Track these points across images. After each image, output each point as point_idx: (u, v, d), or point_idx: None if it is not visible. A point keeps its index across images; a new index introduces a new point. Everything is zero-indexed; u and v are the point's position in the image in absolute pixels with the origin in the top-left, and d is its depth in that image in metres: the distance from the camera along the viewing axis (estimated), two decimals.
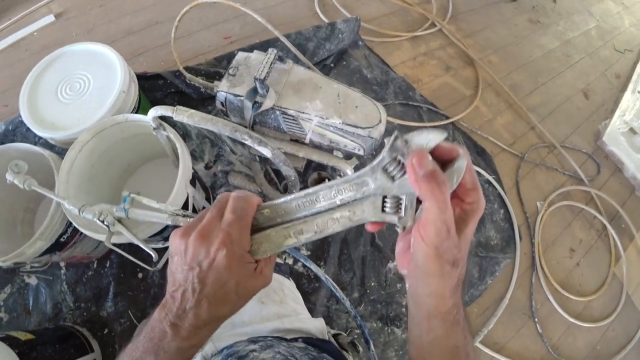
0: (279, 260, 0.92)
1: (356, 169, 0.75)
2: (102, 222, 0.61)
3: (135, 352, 0.29)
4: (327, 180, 0.93)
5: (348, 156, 0.81)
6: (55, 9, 1.35)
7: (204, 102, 1.07)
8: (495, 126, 1.27)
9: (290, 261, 0.94)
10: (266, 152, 0.66)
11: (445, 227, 0.26)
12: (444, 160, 0.28)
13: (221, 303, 0.29)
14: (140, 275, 0.93)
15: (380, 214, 0.30)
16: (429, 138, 0.27)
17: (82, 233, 0.80)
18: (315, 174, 0.96)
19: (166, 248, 0.80)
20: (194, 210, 0.77)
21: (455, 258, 0.27)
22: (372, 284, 0.98)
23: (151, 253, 0.64)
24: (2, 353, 0.63)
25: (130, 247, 0.65)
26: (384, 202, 0.30)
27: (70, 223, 0.74)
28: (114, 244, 0.64)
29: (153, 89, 1.03)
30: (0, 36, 1.31)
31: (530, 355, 1.00)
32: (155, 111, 0.63)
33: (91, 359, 0.84)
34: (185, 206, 0.72)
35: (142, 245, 0.63)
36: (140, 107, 0.88)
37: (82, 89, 0.82)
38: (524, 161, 1.23)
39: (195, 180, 0.77)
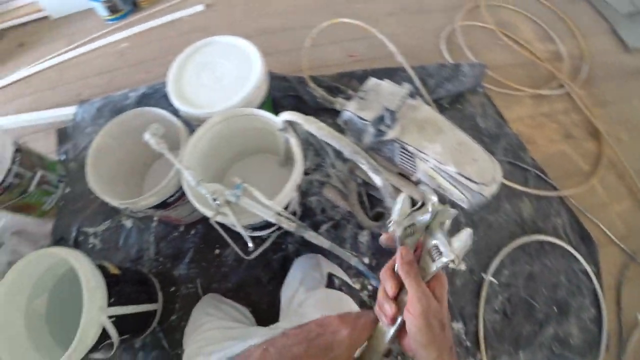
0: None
1: None
2: (214, 200, 0.67)
3: None
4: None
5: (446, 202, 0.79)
6: (207, 1, 1.53)
7: (317, 111, 1.13)
8: (609, 213, 1.13)
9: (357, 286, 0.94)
10: (378, 180, 0.67)
11: (424, 296, 0.35)
12: None
13: None
14: (217, 251, 1.00)
15: None
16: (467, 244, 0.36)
17: (186, 200, 0.89)
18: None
19: (256, 238, 0.85)
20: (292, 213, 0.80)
21: (441, 321, 0.35)
22: None
23: (249, 242, 0.68)
24: (98, 279, 0.71)
25: (227, 230, 0.71)
26: None
27: (180, 189, 0.82)
28: (217, 222, 0.70)
29: (274, 88, 1.11)
30: (157, 15, 1.53)
31: None
32: (289, 116, 0.68)
33: (154, 308, 0.92)
34: (285, 207, 0.76)
35: (242, 232, 0.67)
36: (265, 104, 0.95)
37: (221, 76, 0.91)
38: (635, 263, 1.07)
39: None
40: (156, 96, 1.22)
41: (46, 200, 1.10)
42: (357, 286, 0.93)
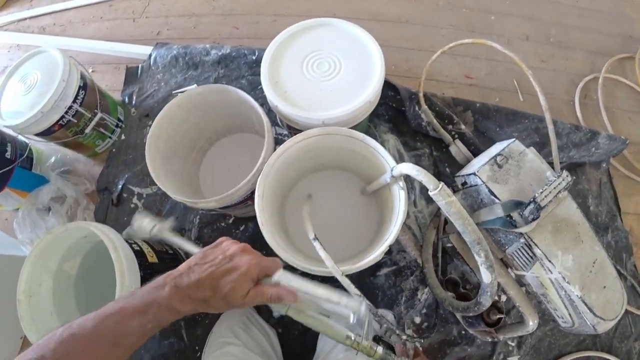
0: None
1: None
2: None
3: (133, 297, 0.38)
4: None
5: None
6: None
7: (416, 134, 0.97)
8: None
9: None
10: (486, 277, 0.54)
11: None
12: None
13: (213, 293, 0.38)
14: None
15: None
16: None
17: (247, 204, 0.79)
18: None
19: None
20: None
21: None
22: None
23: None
24: (134, 276, 0.64)
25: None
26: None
27: (245, 198, 0.74)
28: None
29: None
30: None
31: None
32: (413, 171, 0.54)
33: None
34: None
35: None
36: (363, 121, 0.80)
37: (329, 73, 0.74)
38: None
39: None
40: (239, 62, 1.08)
41: (100, 143, 1.03)
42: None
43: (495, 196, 0.60)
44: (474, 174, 0.62)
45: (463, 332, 0.84)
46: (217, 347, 0.67)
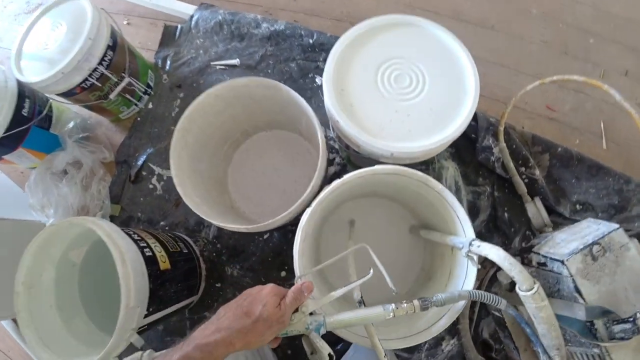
0: None
1: None
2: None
3: None
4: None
5: None
6: None
7: (480, 167, 0.84)
8: None
9: None
10: None
11: None
12: None
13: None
14: (283, 274, 0.83)
15: None
16: None
17: None
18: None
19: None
20: None
21: None
22: None
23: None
24: (142, 295, 0.57)
25: None
26: None
27: None
28: None
29: None
30: None
31: None
32: (498, 260, 0.43)
33: (191, 301, 0.80)
34: None
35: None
36: None
37: (409, 91, 0.60)
38: None
39: None
40: (292, 42, 0.93)
41: (124, 110, 0.92)
42: None
43: (582, 295, 0.49)
44: (562, 262, 0.51)
45: None
46: None
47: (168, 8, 0.99)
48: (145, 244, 0.65)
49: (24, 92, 0.77)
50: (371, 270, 0.45)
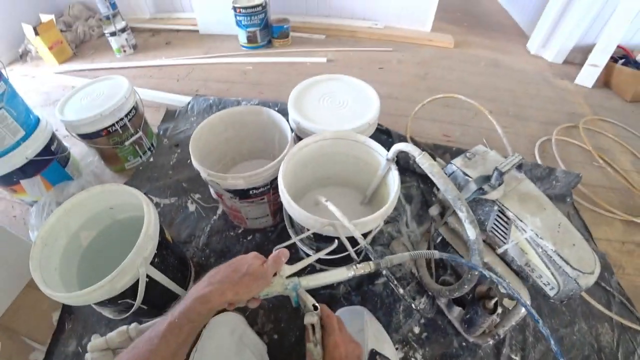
0: None
1: None
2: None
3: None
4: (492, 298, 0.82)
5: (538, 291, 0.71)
6: (330, 57, 1.75)
7: (405, 171, 1.16)
8: None
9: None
10: (471, 233, 0.63)
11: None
12: None
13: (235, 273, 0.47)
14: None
15: None
16: None
17: (264, 200, 0.90)
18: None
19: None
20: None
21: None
22: None
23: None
24: (156, 232, 0.69)
25: None
26: None
27: (267, 185, 0.86)
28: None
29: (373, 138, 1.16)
30: (284, 55, 1.75)
31: None
32: (404, 146, 0.69)
33: (180, 293, 0.85)
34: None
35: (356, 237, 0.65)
36: None
37: (339, 107, 0.96)
38: None
39: None
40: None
41: (131, 159, 1.18)
42: None
43: (468, 176, 0.74)
44: (450, 162, 0.77)
45: (464, 343, 0.84)
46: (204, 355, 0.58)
47: (169, 99, 1.40)
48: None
49: (55, 135, 1.04)
50: (335, 241, 0.63)
